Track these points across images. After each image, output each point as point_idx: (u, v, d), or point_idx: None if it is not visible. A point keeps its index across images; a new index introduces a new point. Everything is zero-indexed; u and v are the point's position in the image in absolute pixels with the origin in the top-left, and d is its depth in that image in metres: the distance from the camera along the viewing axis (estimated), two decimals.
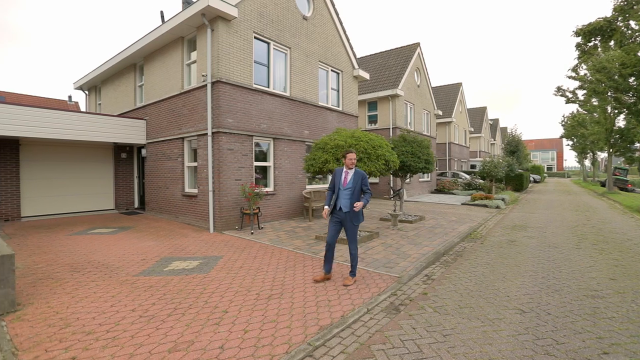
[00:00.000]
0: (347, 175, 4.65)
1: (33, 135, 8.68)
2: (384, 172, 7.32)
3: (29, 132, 8.58)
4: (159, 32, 9.18)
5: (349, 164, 4.66)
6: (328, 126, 11.80)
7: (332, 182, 4.75)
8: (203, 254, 6.12)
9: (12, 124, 8.33)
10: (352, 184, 4.57)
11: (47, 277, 4.72)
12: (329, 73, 12.11)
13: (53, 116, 8.97)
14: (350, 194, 4.56)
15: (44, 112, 8.83)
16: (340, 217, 4.60)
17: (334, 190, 4.69)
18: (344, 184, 4.59)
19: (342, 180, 4.62)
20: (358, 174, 4.64)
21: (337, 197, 4.60)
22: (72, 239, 7.20)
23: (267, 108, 9.38)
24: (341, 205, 4.57)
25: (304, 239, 7.43)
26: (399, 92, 16.87)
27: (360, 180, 4.61)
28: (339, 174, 4.70)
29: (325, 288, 4.43)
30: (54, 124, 8.96)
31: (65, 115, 9.25)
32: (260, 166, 9.45)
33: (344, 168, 4.73)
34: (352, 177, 4.61)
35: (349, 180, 4.59)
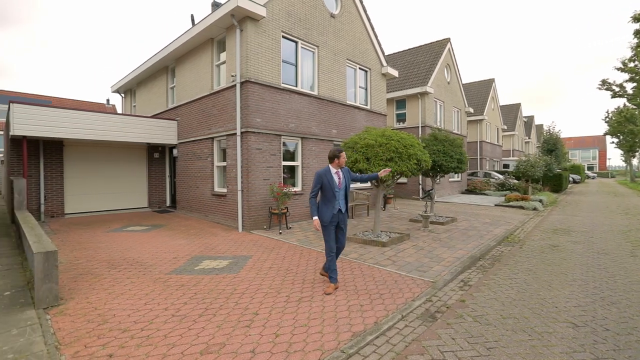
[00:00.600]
0: (339, 175, 4.40)
1: (76, 136, 9.13)
2: (415, 172, 7.07)
3: (72, 134, 9.03)
4: (190, 35, 9.38)
5: (342, 163, 4.40)
6: (356, 125, 11.61)
7: (316, 187, 4.32)
8: (232, 253, 6.15)
9: (58, 126, 8.79)
10: (345, 182, 4.43)
11: (87, 273, 4.90)
12: (357, 71, 11.91)
13: (93, 118, 9.40)
14: (345, 193, 4.43)
15: (86, 115, 9.27)
16: (337, 219, 4.34)
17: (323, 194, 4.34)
18: (340, 186, 4.34)
19: (336, 182, 4.32)
20: (345, 171, 4.49)
21: (334, 199, 4.28)
22: (109, 236, 7.49)
23: (295, 107, 9.35)
24: (340, 206, 4.33)
25: None
26: (429, 90, 16.36)
27: (349, 175, 4.53)
28: (328, 175, 4.32)
29: (357, 292, 4.29)
30: (94, 125, 9.38)
31: (103, 117, 9.66)
32: (288, 166, 9.43)
33: (332, 169, 4.38)
34: (344, 176, 4.44)
35: (343, 181, 4.40)
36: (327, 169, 4.39)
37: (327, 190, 4.29)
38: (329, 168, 4.39)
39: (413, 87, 16.87)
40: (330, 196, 4.28)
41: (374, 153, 6.67)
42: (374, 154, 6.67)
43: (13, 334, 3.12)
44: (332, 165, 4.40)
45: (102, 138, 9.57)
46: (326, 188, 4.30)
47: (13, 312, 3.59)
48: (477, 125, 24.28)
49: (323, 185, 4.31)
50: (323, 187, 4.33)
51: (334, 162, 4.39)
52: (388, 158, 6.64)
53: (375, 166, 6.59)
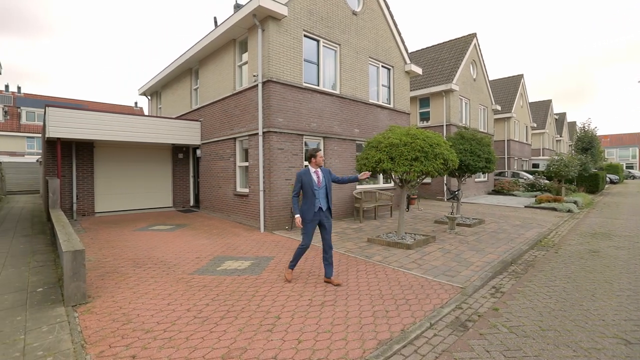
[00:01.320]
0: (318, 175, 4.56)
1: (105, 138, 9.44)
2: (441, 172, 6.79)
3: (102, 135, 9.35)
4: (213, 36, 9.48)
5: (320, 162, 4.60)
6: (379, 124, 11.38)
7: (297, 187, 4.56)
8: (254, 254, 6.13)
9: (90, 128, 9.12)
10: (325, 182, 4.57)
11: (114, 271, 4.99)
12: (380, 69, 11.68)
13: (122, 120, 9.68)
14: (325, 192, 4.57)
15: (115, 117, 9.57)
16: (319, 217, 4.51)
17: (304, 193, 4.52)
18: (319, 184, 4.52)
19: (315, 181, 4.51)
20: (326, 171, 4.64)
21: (314, 198, 4.45)
22: (135, 235, 7.66)
23: (317, 106, 9.25)
24: (321, 204, 4.50)
25: (356, 241, 7.16)
26: (454, 87, 15.85)
27: (330, 176, 4.66)
28: (307, 175, 4.52)
29: (382, 297, 4.12)
30: (122, 127, 9.66)
31: (131, 119, 9.93)
32: None
33: (311, 169, 4.57)
34: (324, 176, 4.59)
35: (322, 179, 4.56)
36: (307, 169, 4.58)
37: (307, 189, 4.48)
38: (309, 168, 4.58)
39: (437, 85, 16.40)
40: (310, 195, 4.45)
41: (399, 152, 6.46)
42: (398, 154, 6.46)
43: (43, 331, 3.18)
44: (310, 165, 4.61)
45: (129, 139, 9.85)
46: (306, 187, 4.48)
47: (44, 308, 3.68)
48: (505, 123, 23.33)
49: (303, 185, 4.49)
50: (303, 187, 4.50)
51: (312, 161, 4.61)
52: (413, 157, 6.41)
53: (400, 166, 6.38)
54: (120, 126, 9.63)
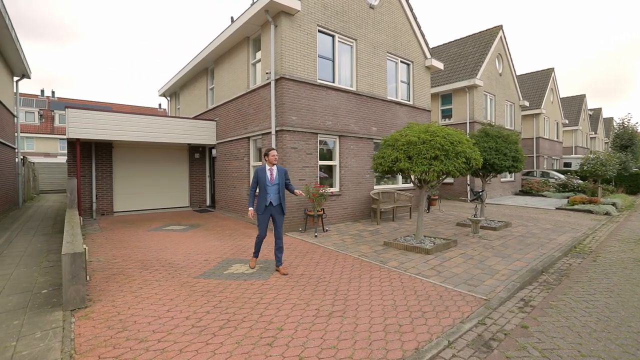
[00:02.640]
0: (272, 172, 4.98)
1: (123, 138, 9.54)
2: (464, 171, 6.32)
3: (120, 135, 9.44)
4: (227, 34, 9.37)
5: (272, 160, 4.99)
6: (398, 122, 10.94)
7: (254, 182, 4.99)
8: (264, 257, 5.90)
9: (108, 129, 9.24)
10: (278, 180, 4.97)
11: (120, 273, 4.90)
12: (399, 64, 11.22)
13: (139, 120, 9.76)
14: (277, 189, 4.95)
15: (132, 117, 9.65)
16: (270, 211, 4.95)
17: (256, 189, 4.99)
18: (272, 181, 4.94)
19: (268, 178, 4.93)
20: (281, 170, 5.04)
21: (265, 193, 4.90)
22: (149, 235, 7.64)
23: (332, 104, 8.95)
24: (271, 199, 4.91)
25: (371, 244, 6.81)
26: (478, 82, 15.10)
27: (284, 175, 5.05)
28: (262, 172, 4.96)
29: (395, 308, 3.78)
30: (140, 127, 9.74)
31: (148, 119, 9.99)
32: (325, 165, 9.06)
33: (267, 167, 4.99)
34: (277, 174, 4.98)
35: (275, 177, 4.96)
36: (263, 167, 5.01)
37: (260, 184, 4.95)
38: (265, 166, 5.01)
39: (460, 80, 15.69)
40: (262, 190, 4.92)
41: (417, 151, 6.05)
42: (416, 152, 6.06)
43: (36, 337, 3.06)
44: (266, 162, 5.03)
45: (146, 139, 9.91)
46: (260, 183, 4.95)
47: (43, 312, 3.58)
48: (534, 119, 22.12)
49: (258, 181, 4.96)
50: (258, 182, 4.96)
51: (265, 160, 5.03)
52: (432, 156, 5.99)
53: (418, 165, 5.99)
54: (137, 126, 9.71)
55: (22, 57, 11.40)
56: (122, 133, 9.49)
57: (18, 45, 10.64)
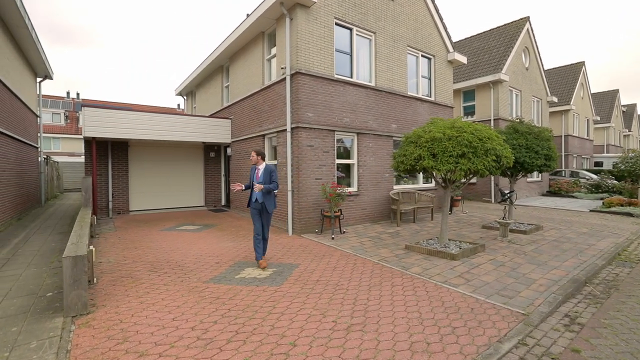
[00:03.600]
0: (258, 171, 5.23)
1: (139, 137, 9.48)
2: (494, 170, 5.82)
3: (135, 134, 9.39)
4: (242, 29, 9.14)
5: (252, 160, 5.29)
6: (419, 119, 10.44)
7: (249, 179, 5.35)
8: (278, 260, 5.60)
9: (123, 128, 9.20)
10: (263, 178, 5.16)
11: (128, 276, 4.70)
12: (419, 59, 10.71)
13: (154, 119, 9.68)
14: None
15: (147, 116, 9.58)
16: (257, 207, 5.21)
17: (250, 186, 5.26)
18: (257, 179, 5.19)
19: (254, 176, 5.24)
20: (267, 169, 5.21)
21: (252, 190, 5.15)
22: (162, 235, 7.49)
23: (350, 100, 8.56)
24: (257, 197, 5.16)
25: (392, 248, 6.40)
26: (503, 77, 14.34)
27: (269, 175, 5.17)
28: (252, 170, 5.31)
29: (421, 322, 3.38)
30: (155, 126, 9.66)
31: (163, 117, 9.90)
32: (343, 164, 8.69)
33: (257, 166, 5.28)
34: (262, 172, 5.20)
35: (260, 175, 5.19)
36: (255, 165, 5.33)
37: (250, 181, 5.29)
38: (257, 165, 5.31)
39: (484, 75, 14.95)
40: (251, 186, 5.22)
41: (442, 148, 5.61)
42: (441, 149, 5.61)
43: (31, 348, 2.85)
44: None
45: (161, 138, 9.82)
46: (250, 180, 5.30)
47: (43, 318, 3.39)
48: (562, 116, 20.97)
49: (251, 177, 5.32)
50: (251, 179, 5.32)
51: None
52: (459, 154, 5.53)
53: (443, 163, 5.54)
54: (152, 125, 9.63)
55: (44, 58, 11.57)
56: (137, 132, 9.43)
57: (39, 46, 10.78)
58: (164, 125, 9.83)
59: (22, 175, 10.46)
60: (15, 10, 8.24)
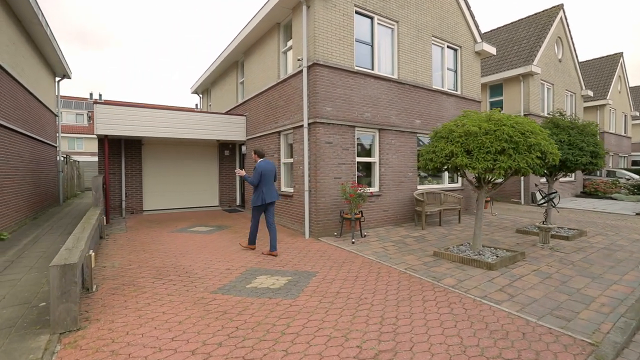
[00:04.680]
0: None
1: (152, 134, 9.20)
2: (538, 168, 5.12)
3: (149, 132, 9.12)
4: (256, 21, 8.69)
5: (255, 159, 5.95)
6: (444, 114, 9.73)
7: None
8: (294, 267, 5.10)
9: (137, 125, 8.95)
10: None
11: (130, 283, 4.30)
12: (445, 50, 9.99)
13: (168, 116, 9.38)
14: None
15: (161, 113, 9.29)
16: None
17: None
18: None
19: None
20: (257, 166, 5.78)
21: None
22: (172, 237, 7.13)
23: (371, 94, 7.98)
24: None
25: (418, 254, 5.79)
26: (535, 69, 13.36)
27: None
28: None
29: (464, 350, 2.79)
30: (169, 123, 9.36)
31: (176, 114, 9.59)
32: (363, 162, 8.11)
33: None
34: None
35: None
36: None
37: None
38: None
39: (513, 68, 13.99)
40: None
41: (478, 143, 4.96)
42: (477, 145, 4.96)
43: None
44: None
45: (175, 135, 9.53)
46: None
47: (28, 335, 3.00)
48: (597, 111, 19.58)
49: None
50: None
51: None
52: (498, 150, 4.87)
53: (480, 161, 4.90)
54: (165, 122, 9.34)
55: (60, 56, 11.53)
56: (150, 129, 9.15)
57: (55, 44, 10.71)
58: (177, 123, 9.52)
59: (39, 174, 10.41)
60: (28, 6, 8.09)
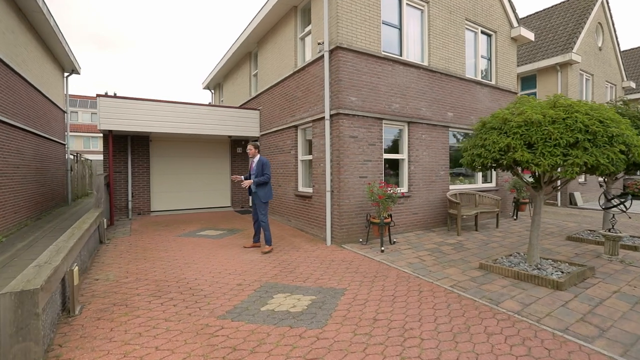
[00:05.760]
0: (252, 163, 5.70)
1: (160, 130, 8.53)
2: (620, 165, 4.14)
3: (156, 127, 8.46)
4: (271, 4, 7.89)
5: (249, 154, 5.75)
6: (478, 106, 8.75)
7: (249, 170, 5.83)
8: (317, 281, 4.28)
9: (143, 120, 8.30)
10: (256, 170, 5.62)
11: (122, 303, 3.56)
12: (478, 35, 8.99)
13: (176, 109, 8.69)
14: (255, 178, 5.58)
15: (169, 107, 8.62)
16: (253, 196, 5.70)
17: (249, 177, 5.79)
18: (251, 170, 5.72)
19: (250, 167, 5.77)
20: (259, 162, 5.64)
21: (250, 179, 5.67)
22: (178, 242, 6.42)
23: (400, 82, 7.09)
24: (251, 186, 5.62)
25: (461, 266, 4.89)
26: (575, 58, 12.14)
27: (261, 167, 5.60)
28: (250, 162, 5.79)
29: None
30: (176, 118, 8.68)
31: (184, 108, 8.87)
32: (389, 159, 7.23)
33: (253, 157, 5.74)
34: (256, 164, 5.64)
35: (254, 167, 5.65)
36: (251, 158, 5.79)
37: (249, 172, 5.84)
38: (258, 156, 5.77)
39: (548, 57, 12.80)
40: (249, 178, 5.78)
41: (543, 135, 4.03)
42: (542, 137, 4.04)
43: None
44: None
45: (184, 131, 8.83)
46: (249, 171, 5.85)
47: None
48: None
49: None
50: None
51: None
52: (570, 142, 3.94)
53: (546, 157, 3.98)
54: (173, 117, 8.66)
55: (67, 49, 11.04)
56: (157, 124, 8.49)
57: (61, 37, 10.21)
58: (186, 117, 8.83)
59: (44, 172, 9.92)
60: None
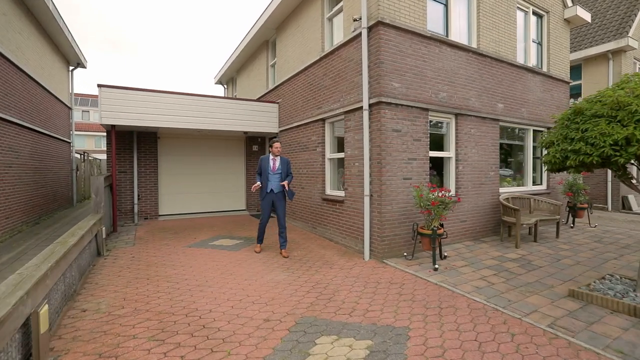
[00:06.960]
0: (275, 161, 5.33)
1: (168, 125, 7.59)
2: None
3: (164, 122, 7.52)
4: None
5: (276, 152, 5.31)
6: (529, 97, 7.59)
7: (258, 170, 5.42)
8: (367, 315, 3.23)
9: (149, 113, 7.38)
10: (281, 168, 5.33)
11: (111, 354, 2.58)
12: (529, 16, 7.83)
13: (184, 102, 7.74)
14: (279, 178, 5.31)
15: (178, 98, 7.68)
16: (272, 197, 5.31)
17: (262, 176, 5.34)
18: (274, 169, 5.30)
19: (270, 167, 5.29)
20: (284, 160, 5.40)
21: (267, 181, 5.25)
22: (188, 255, 5.45)
23: (447, 67, 6.00)
24: (272, 187, 5.26)
25: (543, 292, 3.79)
26: (632, 43, 10.81)
27: (286, 165, 5.40)
28: (265, 161, 5.33)
29: None
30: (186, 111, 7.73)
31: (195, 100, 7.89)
32: (432, 158, 6.13)
33: (271, 156, 5.33)
34: (280, 163, 5.34)
35: (278, 166, 5.31)
36: (268, 155, 5.40)
37: (263, 173, 5.33)
38: (269, 155, 5.37)
39: (598, 44, 11.48)
40: (264, 178, 5.31)
41: None
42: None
43: None
44: (270, 152, 5.37)
45: (195, 126, 7.89)
46: (263, 171, 5.34)
47: None
48: None
49: (261, 169, 5.36)
50: (262, 171, 5.35)
51: (270, 150, 5.38)
52: None
53: None
54: (183, 110, 7.72)
55: (70, 38, 10.24)
56: (165, 118, 7.56)
57: (62, 23, 9.40)
58: (196, 111, 7.88)
59: (44, 172, 9.11)
60: None
